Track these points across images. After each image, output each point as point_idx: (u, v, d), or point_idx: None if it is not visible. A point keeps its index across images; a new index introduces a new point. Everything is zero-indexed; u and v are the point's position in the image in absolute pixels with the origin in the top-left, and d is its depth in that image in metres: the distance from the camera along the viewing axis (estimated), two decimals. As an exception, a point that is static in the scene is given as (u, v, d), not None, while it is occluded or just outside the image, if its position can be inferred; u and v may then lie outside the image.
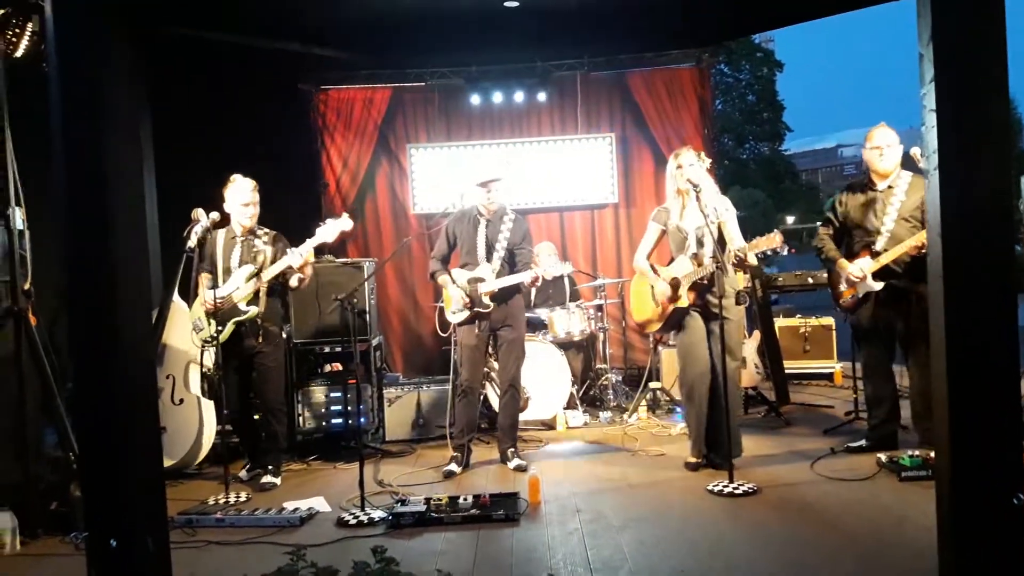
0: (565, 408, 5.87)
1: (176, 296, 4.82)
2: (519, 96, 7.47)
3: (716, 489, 4.03)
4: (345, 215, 4.83)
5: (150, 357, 2.97)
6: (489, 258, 4.73)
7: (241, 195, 4.64)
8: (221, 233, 4.68)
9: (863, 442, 4.60)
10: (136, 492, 2.51)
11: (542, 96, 7.48)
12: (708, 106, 7.66)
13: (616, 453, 5.07)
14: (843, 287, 4.59)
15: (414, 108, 7.65)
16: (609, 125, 7.63)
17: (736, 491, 3.97)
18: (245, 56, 6.63)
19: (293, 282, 4.69)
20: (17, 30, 4.05)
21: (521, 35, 6.86)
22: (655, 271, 4.57)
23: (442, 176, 7.43)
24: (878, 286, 4.39)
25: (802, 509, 3.75)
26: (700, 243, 4.38)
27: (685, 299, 4.39)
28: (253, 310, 4.61)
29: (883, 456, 4.26)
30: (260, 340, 4.65)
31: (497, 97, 7.47)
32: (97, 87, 2.48)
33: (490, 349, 5.02)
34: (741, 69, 35.66)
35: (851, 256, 4.53)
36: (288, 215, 5.79)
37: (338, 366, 5.75)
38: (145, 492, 2.56)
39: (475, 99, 7.46)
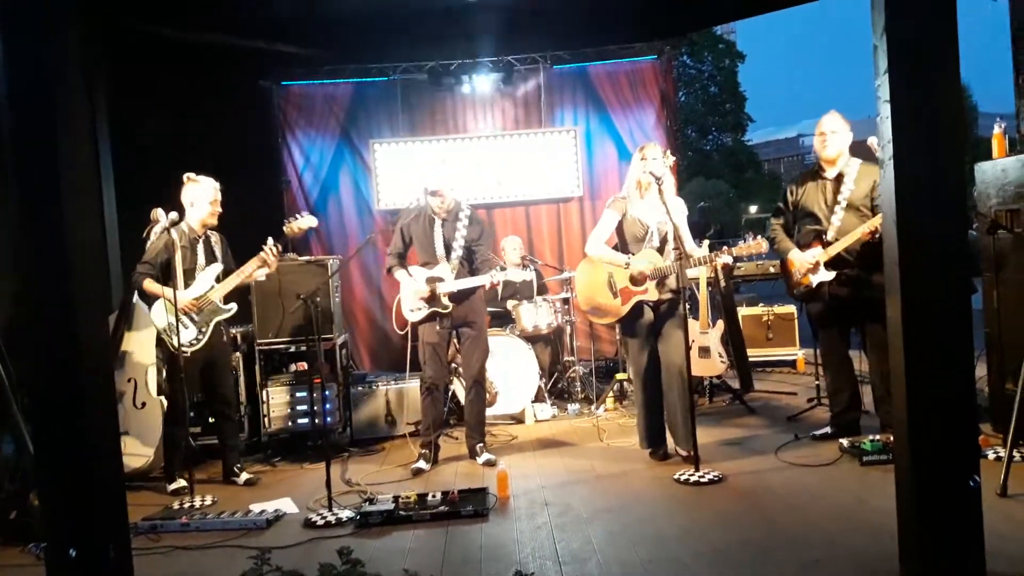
0: (533, 401, 5.88)
1: (136, 298, 4.72)
2: (482, 90, 7.45)
3: (682, 478, 4.07)
4: (306, 213, 4.82)
5: (108, 362, 2.92)
6: (448, 257, 4.71)
7: (209, 194, 4.58)
8: (168, 237, 4.47)
9: (827, 429, 4.67)
10: (96, 499, 2.47)
11: (506, 90, 7.47)
12: (671, 98, 7.70)
13: (584, 445, 5.09)
14: (796, 277, 4.60)
15: (376, 103, 7.58)
16: (573, 118, 7.64)
17: (702, 479, 4.02)
18: (205, 52, 6.52)
19: (260, 276, 4.69)
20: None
21: (484, 29, 6.84)
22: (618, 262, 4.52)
23: (406, 171, 7.39)
24: (830, 275, 4.42)
25: (767, 495, 3.80)
26: (662, 237, 4.41)
27: (654, 292, 4.39)
28: (232, 307, 4.65)
29: (845, 442, 4.34)
30: (224, 339, 4.70)
31: (460, 92, 7.44)
32: (49, 84, 2.42)
33: (456, 345, 5.01)
34: (703, 61, 35.98)
35: (802, 246, 4.55)
36: (250, 213, 5.73)
37: (303, 365, 5.69)
38: (106, 499, 2.51)
39: (438, 94, 7.41)
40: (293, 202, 7.35)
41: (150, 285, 4.48)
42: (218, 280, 4.63)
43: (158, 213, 4.52)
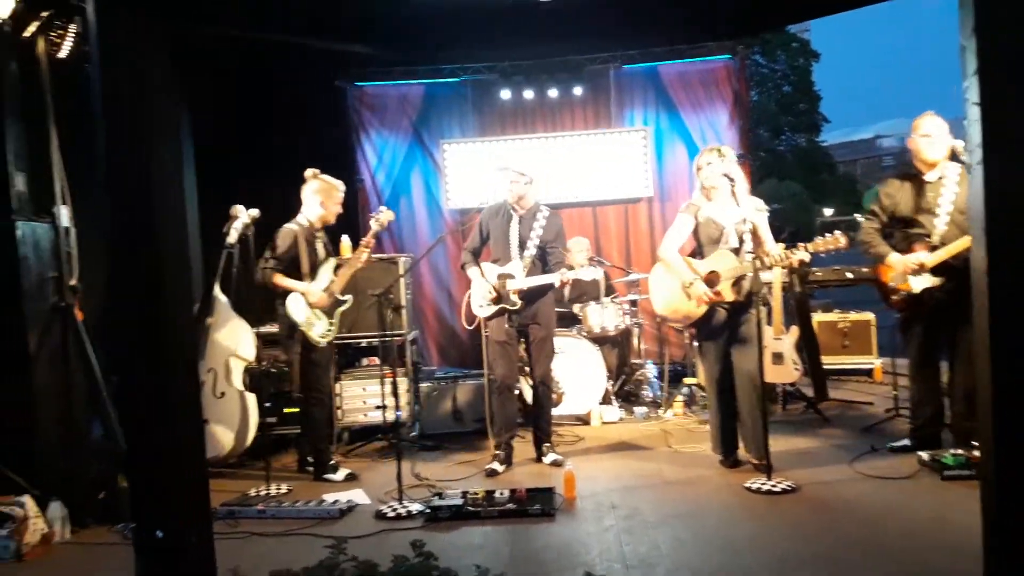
0: (600, 403, 5.86)
1: (217, 291, 4.90)
2: (552, 91, 7.46)
3: (754, 487, 4.00)
4: (385, 208, 4.92)
5: (194, 352, 3.03)
6: (521, 255, 4.73)
7: (336, 194, 4.75)
8: (295, 231, 4.63)
9: (906, 441, 4.51)
10: (181, 484, 2.57)
11: (576, 90, 7.46)
12: (743, 98, 7.57)
13: (652, 449, 5.05)
14: (894, 283, 4.40)
15: (447, 104, 7.67)
16: (643, 119, 7.58)
17: (774, 489, 3.94)
18: (282, 54, 6.70)
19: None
20: (60, 31, 4.13)
21: (554, 30, 6.81)
22: (691, 266, 4.48)
23: (475, 172, 7.45)
24: (937, 281, 4.22)
25: (841, 508, 3.71)
26: (740, 238, 4.32)
27: (730, 294, 4.32)
28: (349, 298, 4.78)
29: (925, 455, 4.19)
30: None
31: (530, 92, 7.47)
32: (138, 86, 2.53)
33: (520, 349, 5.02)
34: (776, 59, 35.16)
35: (899, 251, 4.35)
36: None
37: (375, 360, 5.82)
38: (190, 484, 2.61)
39: (507, 94, 7.46)
40: (366, 201, 7.50)
41: (280, 280, 4.56)
42: (334, 273, 4.74)
43: (237, 209, 4.69)
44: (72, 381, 4.12)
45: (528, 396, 5.43)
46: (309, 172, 4.74)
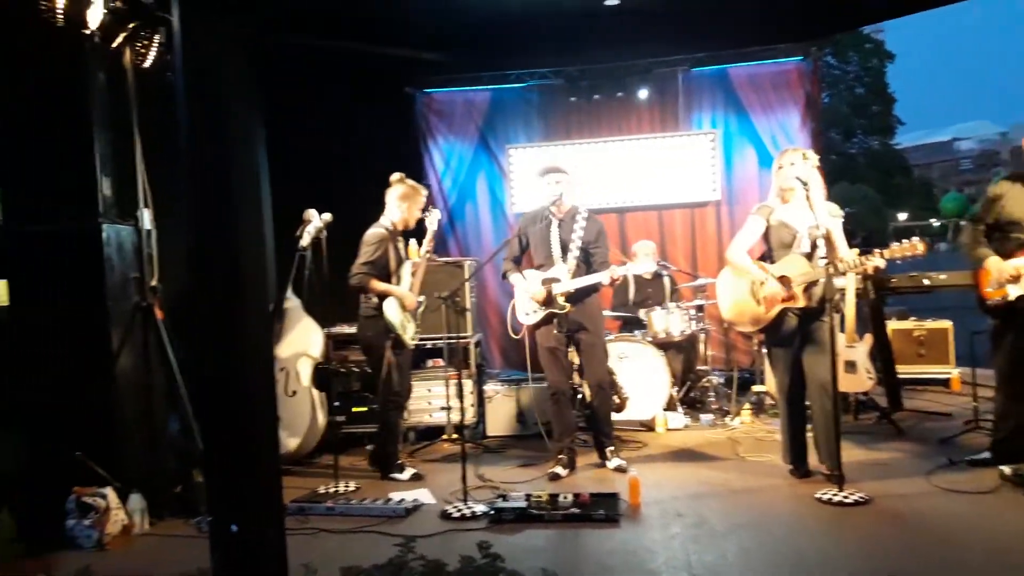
0: (664, 410, 5.80)
1: (290, 292, 5.03)
2: (618, 94, 7.42)
3: (825, 498, 3.90)
4: (431, 207, 5.00)
5: (270, 351, 3.11)
6: (564, 258, 4.67)
7: (421, 199, 4.87)
8: (384, 235, 4.72)
9: (986, 454, 4.33)
10: (256, 480, 2.64)
11: (642, 94, 7.42)
12: (815, 100, 7.39)
13: (719, 457, 4.97)
14: (990, 288, 4.20)
15: (513, 109, 7.71)
16: (711, 121, 7.49)
17: (846, 500, 3.84)
18: (351, 61, 6.85)
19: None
20: (145, 42, 4.29)
21: (622, 34, 6.82)
22: (763, 269, 4.38)
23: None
24: None
25: (916, 522, 3.59)
26: (812, 243, 4.21)
27: (801, 299, 4.20)
28: (423, 299, 4.89)
29: (1007, 469, 4.02)
30: None
31: (596, 96, 7.44)
32: (220, 94, 2.61)
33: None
34: (849, 60, 34.28)
35: (1002, 255, 4.15)
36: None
37: (439, 362, 5.89)
38: (264, 481, 2.68)
39: (574, 99, 7.46)
40: (432, 206, 7.57)
41: (377, 284, 4.64)
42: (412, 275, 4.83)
43: (310, 213, 4.81)
44: (152, 378, 4.29)
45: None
46: (395, 176, 4.83)
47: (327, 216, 4.73)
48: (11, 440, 4.27)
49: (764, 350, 6.17)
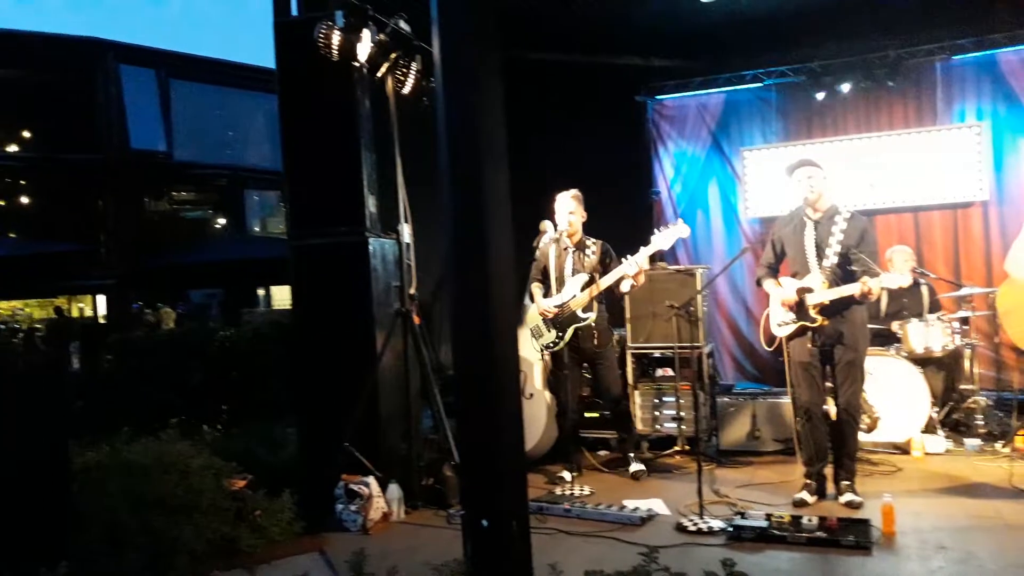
0: (922, 432, 5.29)
1: (527, 299, 5.25)
2: (865, 89, 6.91)
3: None
4: (681, 221, 4.87)
5: (516, 354, 3.26)
6: (819, 264, 4.27)
7: (565, 204, 4.94)
8: (552, 245, 4.98)
9: None
10: (505, 477, 2.80)
11: (893, 87, 6.84)
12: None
13: (989, 487, 4.45)
14: None
15: (749, 110, 7.48)
16: (976, 113, 6.74)
17: None
18: (584, 73, 7.00)
19: (624, 287, 4.85)
20: (404, 70, 4.69)
21: (870, 24, 6.37)
22: None
23: (778, 179, 7.12)
24: None
25: None
26: None
27: None
28: (591, 316, 4.85)
29: None
30: (596, 343, 4.92)
31: (840, 92, 6.99)
32: (475, 114, 2.82)
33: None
34: None
35: None
36: (617, 224, 5.98)
37: (668, 371, 5.83)
38: (512, 478, 2.84)
39: (818, 96, 7.06)
40: (661, 214, 7.55)
41: (531, 288, 5.03)
42: (583, 289, 4.85)
43: (546, 225, 5.02)
44: (409, 378, 4.68)
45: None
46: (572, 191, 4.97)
47: (563, 227, 4.89)
48: (293, 431, 4.87)
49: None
